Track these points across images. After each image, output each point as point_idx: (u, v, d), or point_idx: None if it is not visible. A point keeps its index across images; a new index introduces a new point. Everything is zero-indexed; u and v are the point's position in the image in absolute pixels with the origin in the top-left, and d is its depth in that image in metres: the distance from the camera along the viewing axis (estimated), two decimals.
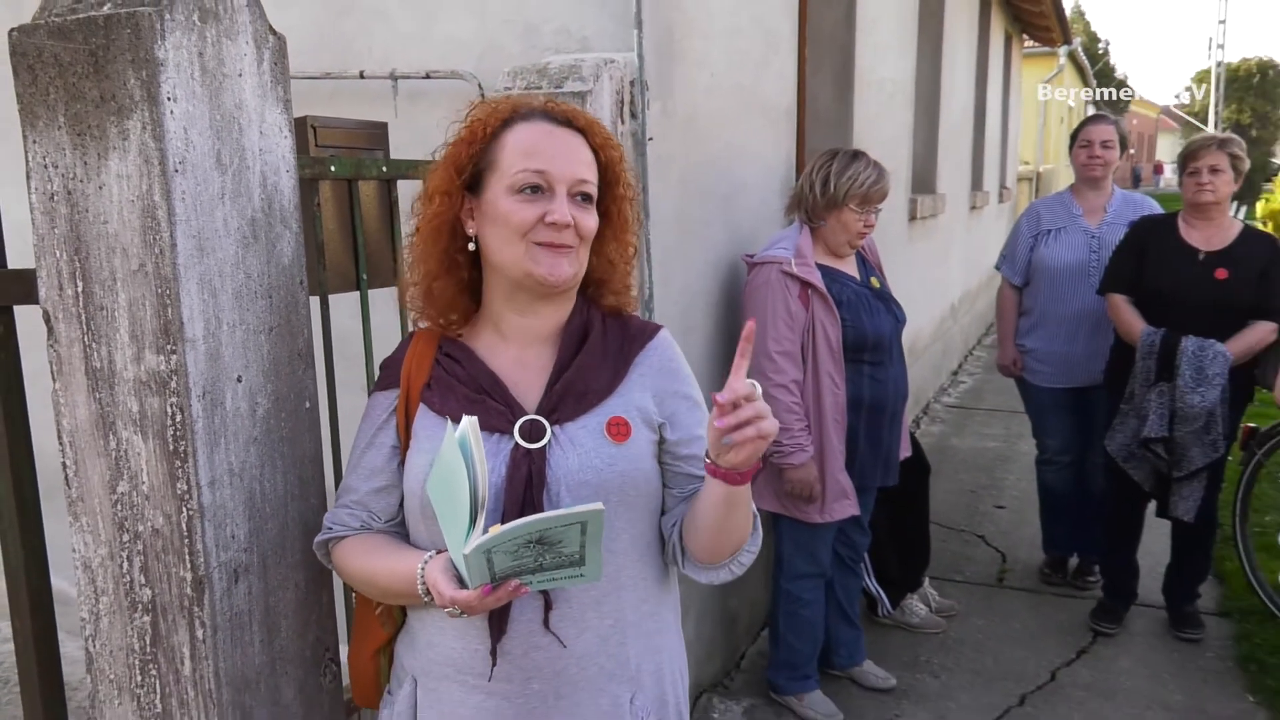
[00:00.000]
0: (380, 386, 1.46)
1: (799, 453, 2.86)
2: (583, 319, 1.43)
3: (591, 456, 1.34)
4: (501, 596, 1.21)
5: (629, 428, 1.37)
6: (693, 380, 1.50)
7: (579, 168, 1.36)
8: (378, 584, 1.38)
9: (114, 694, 1.48)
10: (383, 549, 1.38)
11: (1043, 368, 3.99)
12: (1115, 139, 3.87)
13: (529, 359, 1.41)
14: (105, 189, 1.34)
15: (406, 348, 1.46)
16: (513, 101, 1.40)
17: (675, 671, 1.49)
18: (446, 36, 2.72)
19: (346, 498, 1.44)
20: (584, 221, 1.35)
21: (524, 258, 1.34)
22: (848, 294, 2.97)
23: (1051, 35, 12.10)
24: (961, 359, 8.99)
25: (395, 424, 1.42)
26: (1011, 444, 6.26)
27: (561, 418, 1.36)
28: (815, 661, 3.21)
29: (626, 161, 1.47)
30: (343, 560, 1.42)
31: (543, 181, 1.33)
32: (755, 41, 3.33)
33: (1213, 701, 3.21)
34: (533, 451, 1.33)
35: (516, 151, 1.34)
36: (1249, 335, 3.25)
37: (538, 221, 1.32)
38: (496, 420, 1.35)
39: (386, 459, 1.42)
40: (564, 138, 1.36)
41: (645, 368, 1.43)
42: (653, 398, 1.42)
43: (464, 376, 1.39)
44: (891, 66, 5.46)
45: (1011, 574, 4.29)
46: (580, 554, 1.20)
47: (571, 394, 1.37)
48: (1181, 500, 3.35)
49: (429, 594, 1.28)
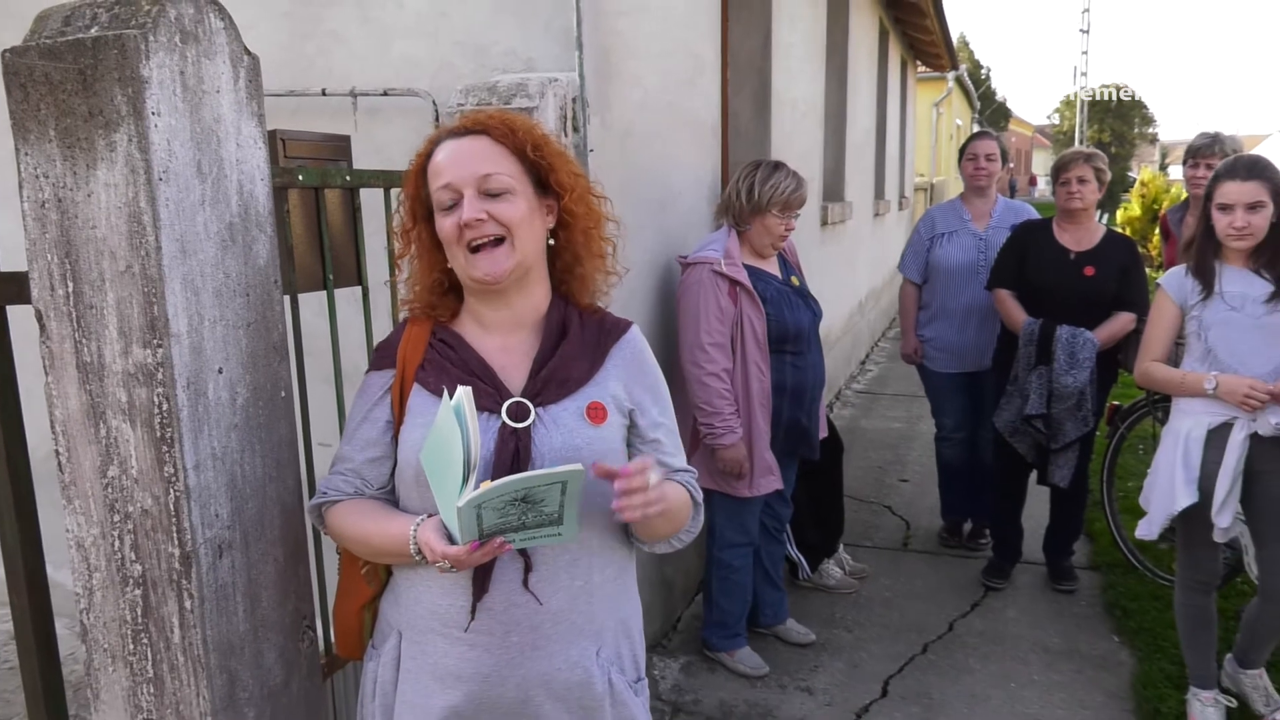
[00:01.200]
0: (376, 366, 1.48)
1: (729, 434, 2.91)
2: (561, 314, 1.46)
3: (572, 436, 1.37)
4: (489, 552, 1.24)
5: (605, 412, 1.41)
6: (658, 372, 1.54)
7: (479, 165, 1.35)
8: (371, 543, 1.39)
9: (108, 662, 1.46)
10: (376, 512, 1.40)
11: (940, 355, 4.11)
12: (998, 152, 4.00)
13: (512, 345, 1.44)
14: (94, 196, 1.32)
15: (402, 332, 1.48)
16: (433, 136, 1.43)
17: (634, 628, 1.53)
18: (402, 57, 2.71)
19: (341, 465, 1.45)
20: (501, 210, 1.35)
21: (466, 265, 1.37)
22: (771, 291, 3.02)
23: (941, 61, 12.39)
24: (869, 350, 9.17)
25: (390, 401, 1.43)
26: (913, 424, 6.41)
27: (545, 401, 1.38)
28: (744, 621, 3.27)
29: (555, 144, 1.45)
30: (337, 522, 1.43)
31: (452, 194, 1.35)
32: (683, 64, 3.37)
33: (1085, 643, 3.34)
34: (519, 430, 1.35)
35: (432, 178, 1.38)
36: (1113, 324, 3.40)
37: (461, 227, 1.34)
38: (486, 401, 1.37)
39: (381, 432, 1.43)
40: (464, 147, 1.37)
41: (618, 359, 1.47)
42: (624, 387, 1.45)
43: (456, 360, 1.41)
44: (803, 88, 5.55)
45: (915, 539, 4.41)
46: (559, 513, 1.24)
47: (554, 380, 1.40)
48: (1058, 469, 3.49)
49: (420, 553, 1.30)
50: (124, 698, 1.47)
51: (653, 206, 3.13)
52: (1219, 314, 2.53)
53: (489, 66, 2.60)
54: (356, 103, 2.71)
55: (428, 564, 1.31)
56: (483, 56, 2.61)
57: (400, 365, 1.44)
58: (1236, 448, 2.49)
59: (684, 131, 3.39)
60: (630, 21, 2.84)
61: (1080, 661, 3.22)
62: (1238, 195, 2.47)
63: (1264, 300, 2.49)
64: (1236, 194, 2.47)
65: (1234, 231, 2.48)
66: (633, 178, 2.94)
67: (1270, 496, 2.53)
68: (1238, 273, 2.54)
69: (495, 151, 1.36)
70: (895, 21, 9.69)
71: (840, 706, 2.99)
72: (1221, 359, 2.53)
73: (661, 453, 1.47)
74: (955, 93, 20.96)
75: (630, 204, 2.93)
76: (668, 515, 1.38)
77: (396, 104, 2.69)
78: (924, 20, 9.54)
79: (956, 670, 3.19)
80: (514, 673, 1.38)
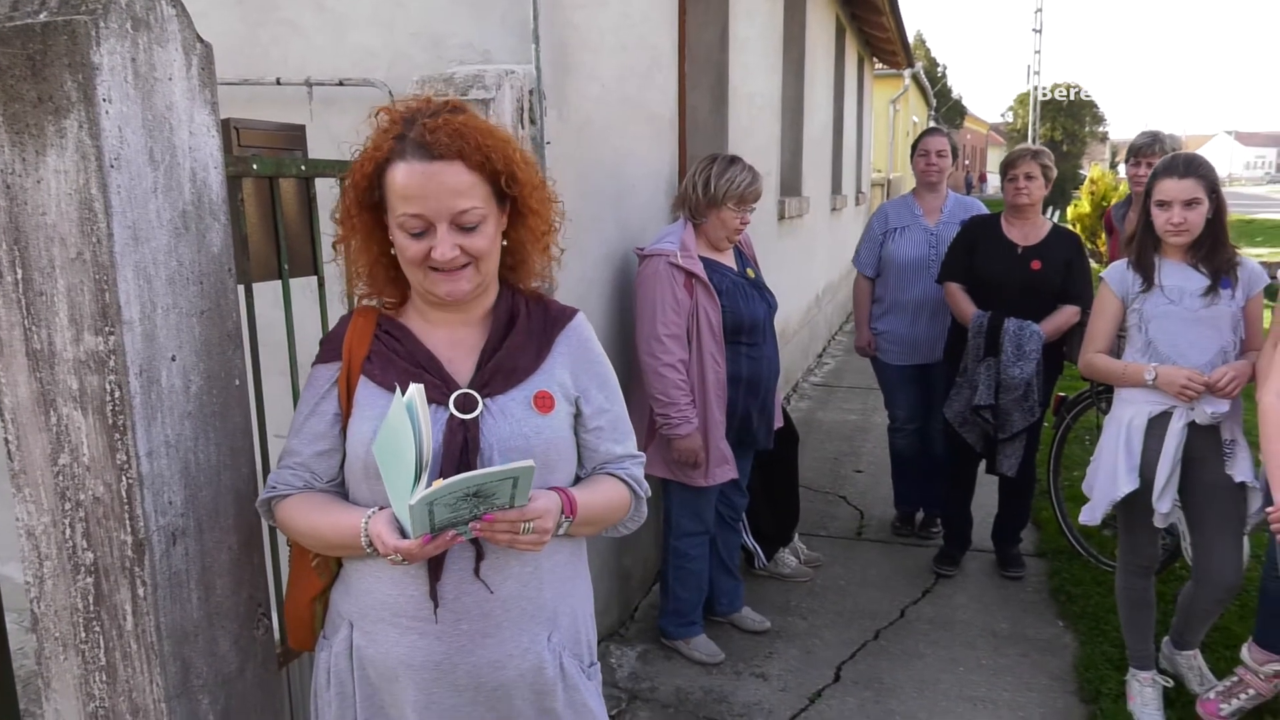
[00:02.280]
0: (322, 359, 1.47)
1: (685, 424, 2.95)
2: (509, 304, 1.47)
3: (520, 425, 1.39)
4: (440, 545, 1.26)
5: (552, 401, 1.43)
6: (603, 359, 1.56)
7: (455, 200, 1.33)
8: (322, 537, 1.40)
9: (59, 650, 1.46)
10: (326, 505, 1.41)
11: (892, 348, 4.18)
12: (948, 149, 4.08)
13: (460, 338, 1.45)
14: (43, 183, 1.32)
15: (347, 324, 1.48)
16: (393, 133, 1.35)
17: (585, 613, 1.55)
18: (358, 46, 2.70)
19: (290, 459, 1.45)
20: (471, 244, 1.35)
21: (424, 281, 1.38)
22: (727, 283, 3.06)
23: (897, 59, 12.55)
24: (826, 343, 9.28)
25: (337, 394, 1.43)
26: (868, 416, 6.51)
27: (492, 391, 1.40)
28: (700, 609, 3.31)
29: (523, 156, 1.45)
30: (287, 516, 1.43)
31: (423, 225, 1.33)
32: (641, 58, 3.40)
33: (1031, 627, 3.44)
34: (467, 421, 1.37)
35: (398, 195, 1.33)
36: (1058, 317, 3.50)
37: (426, 256, 1.34)
38: (433, 393, 1.38)
39: (329, 425, 1.43)
40: (437, 174, 1.32)
41: (565, 347, 1.49)
42: (570, 375, 1.48)
43: (402, 352, 1.42)
44: (761, 82, 5.60)
45: (868, 528, 4.49)
46: (510, 505, 1.26)
47: (501, 371, 1.41)
48: (1006, 458, 3.58)
49: (371, 545, 1.31)
50: (76, 686, 1.46)
51: (610, 199, 3.15)
52: (1158, 307, 2.62)
53: (445, 58, 2.60)
54: (312, 92, 2.70)
55: (379, 556, 1.32)
56: (439, 48, 2.61)
57: (346, 357, 1.44)
58: (1175, 436, 2.58)
59: (641, 125, 3.42)
60: (587, 15, 2.86)
61: (1026, 645, 3.32)
62: (1175, 192, 2.56)
63: (1201, 294, 2.59)
64: (1174, 191, 2.56)
65: (1171, 227, 2.57)
66: (590, 170, 2.96)
67: (1206, 483, 2.62)
68: (1176, 267, 2.64)
69: (469, 181, 1.33)
70: (852, 18, 9.80)
71: (794, 692, 3.04)
72: (1161, 350, 2.62)
73: (605, 439, 1.50)
74: (912, 90, 21.23)
75: (587, 196, 2.95)
76: (591, 524, 1.44)
77: (352, 94, 2.68)
78: (879, 17, 9.66)
79: (907, 655, 3.27)
80: (466, 660, 1.40)
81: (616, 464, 1.51)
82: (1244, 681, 2.73)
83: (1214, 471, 2.60)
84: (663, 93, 3.66)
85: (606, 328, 3.16)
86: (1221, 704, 2.73)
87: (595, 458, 1.50)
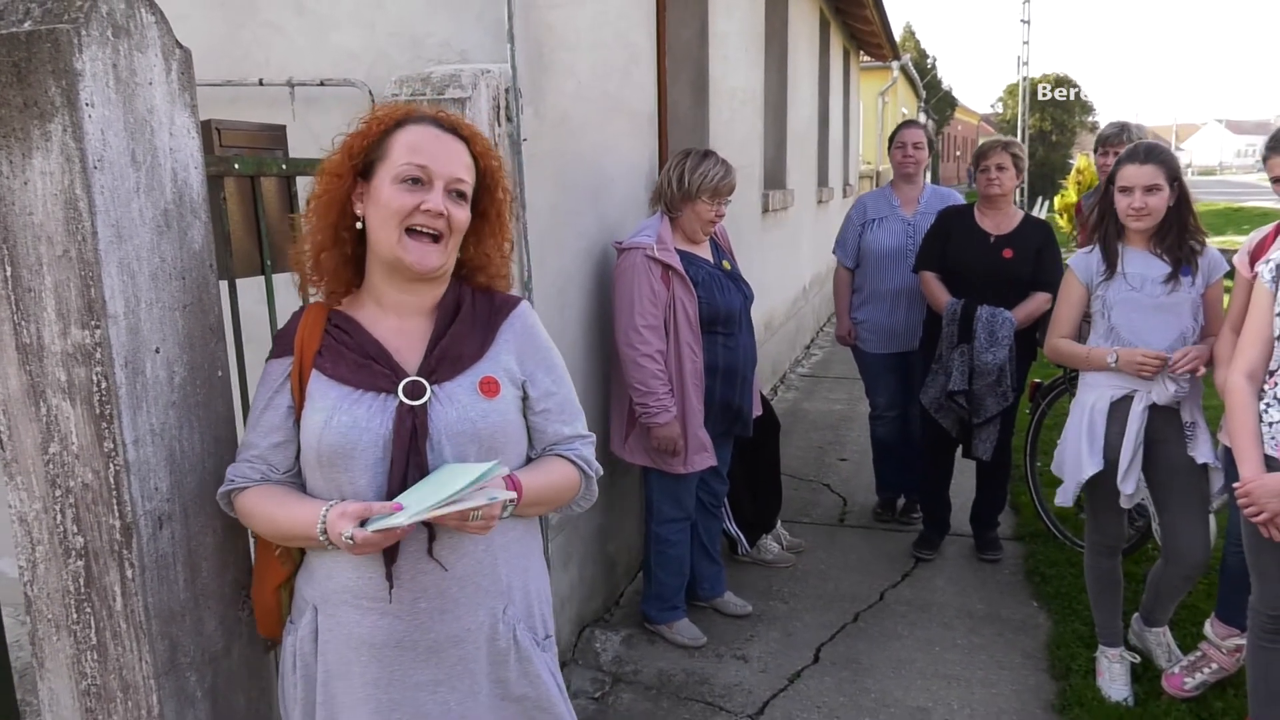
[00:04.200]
0: (275, 355, 1.54)
1: (663, 413, 3.02)
2: (455, 295, 1.54)
3: (467, 409, 1.45)
4: (391, 537, 1.34)
5: (498, 385, 1.50)
6: (549, 344, 1.62)
7: (457, 168, 1.46)
8: (279, 528, 1.45)
9: (52, 631, 1.52)
10: (283, 498, 1.47)
11: (872, 336, 4.26)
12: (924, 141, 4.15)
13: (409, 328, 1.51)
14: (30, 184, 1.38)
15: (298, 320, 1.54)
16: (408, 107, 1.51)
17: (540, 589, 1.62)
18: (338, 47, 2.76)
19: (247, 453, 1.51)
20: (456, 214, 1.46)
21: (396, 244, 1.44)
22: (703, 275, 3.13)
23: (883, 52, 12.61)
24: (813, 335, 9.36)
25: (290, 387, 1.49)
26: (854, 406, 6.58)
27: (440, 378, 1.47)
28: (682, 594, 3.39)
29: (505, 169, 1.58)
30: (246, 508, 1.49)
31: (423, 175, 1.43)
32: (618, 54, 3.46)
33: (1006, 608, 3.53)
34: (415, 408, 1.43)
35: (404, 147, 1.44)
36: (1029, 304, 3.57)
37: (415, 209, 1.43)
38: (382, 382, 1.45)
39: (283, 418, 1.50)
40: (447, 142, 1.46)
41: (509, 334, 1.55)
42: (515, 360, 1.54)
43: (352, 345, 1.48)
44: (742, 77, 5.66)
45: (851, 515, 4.57)
46: (468, 489, 1.33)
47: (447, 358, 1.48)
48: (981, 442, 3.66)
49: (326, 535, 1.37)
50: (69, 665, 1.53)
51: (588, 193, 3.21)
52: (1121, 293, 2.69)
53: (424, 58, 2.66)
54: (294, 93, 2.76)
55: (334, 548, 1.38)
56: (418, 48, 2.67)
57: (298, 352, 1.50)
58: (1137, 418, 2.66)
59: (620, 120, 3.49)
60: (563, 14, 2.92)
61: (1001, 625, 3.40)
62: (1136, 178, 2.63)
63: (1162, 281, 2.66)
64: (1135, 177, 2.64)
65: (1133, 212, 2.65)
66: (568, 165, 3.03)
67: (1169, 464, 2.71)
68: (1139, 254, 2.71)
69: (469, 162, 1.49)
70: (836, 12, 9.87)
71: (773, 673, 3.12)
72: (1123, 336, 2.70)
73: (553, 421, 1.57)
74: (901, 82, 21.30)
75: (565, 191, 3.02)
76: (539, 505, 1.52)
77: (333, 94, 2.75)
78: (863, 10, 9.72)
79: (885, 636, 3.35)
80: (425, 635, 1.47)
81: (565, 445, 1.58)
82: (1207, 656, 2.82)
83: (1176, 453, 2.68)
84: (641, 89, 3.72)
85: (586, 320, 3.23)
86: (1186, 678, 2.82)
87: (544, 439, 1.57)
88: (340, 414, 1.43)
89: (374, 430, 1.41)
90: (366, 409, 1.43)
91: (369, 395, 1.45)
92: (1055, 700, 2.91)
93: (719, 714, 2.89)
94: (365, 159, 1.46)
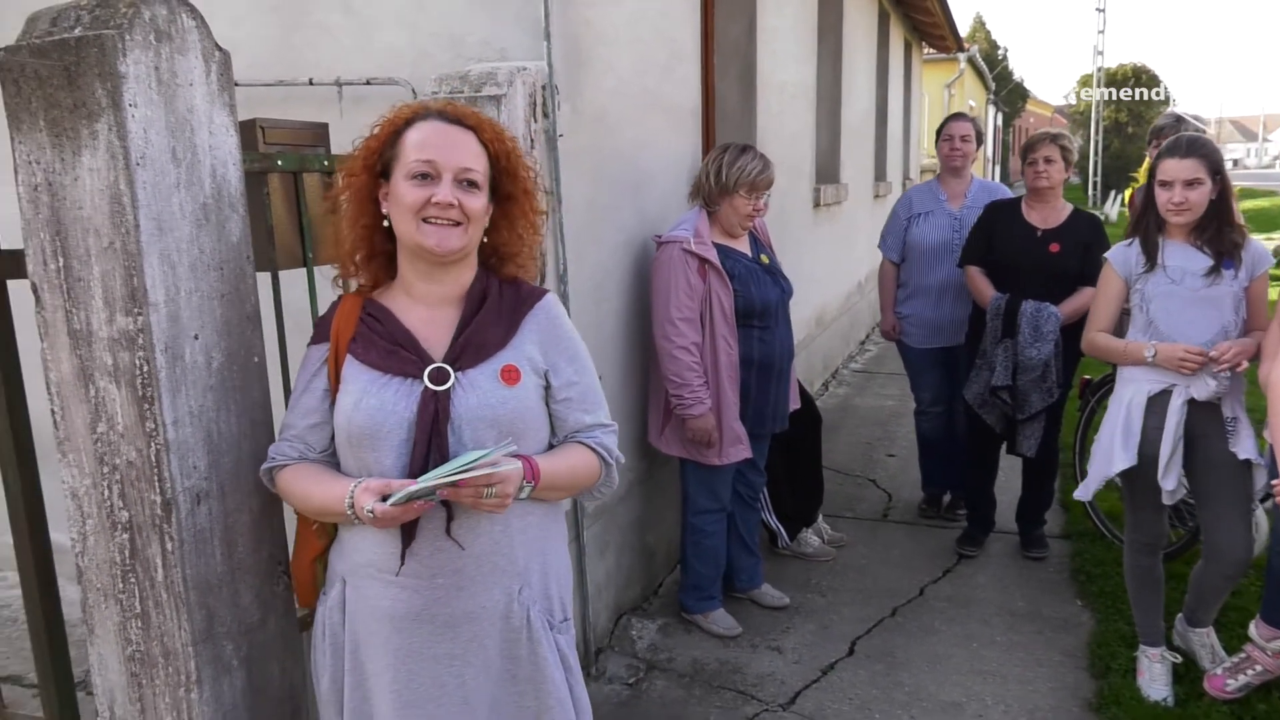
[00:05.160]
0: (314, 341, 1.62)
1: (698, 405, 3.06)
2: (482, 285, 1.61)
3: (488, 396, 1.52)
4: (411, 511, 1.42)
5: (519, 374, 1.56)
6: (573, 334, 1.68)
7: (465, 158, 1.52)
8: (313, 503, 1.54)
9: (101, 600, 1.63)
10: (319, 475, 1.55)
11: (917, 331, 4.23)
12: (973, 134, 4.10)
13: (437, 318, 1.58)
14: (79, 180, 1.48)
15: (335, 309, 1.62)
16: (417, 106, 1.58)
17: (559, 572, 1.67)
18: (384, 47, 2.85)
19: (287, 433, 1.61)
20: (468, 202, 1.52)
21: (416, 232, 1.51)
22: (739, 268, 3.16)
23: (947, 43, 12.40)
24: (869, 330, 9.26)
25: (327, 372, 1.58)
26: (905, 402, 6.45)
27: (463, 365, 1.53)
28: (719, 585, 3.42)
29: (522, 151, 1.64)
30: (284, 484, 1.59)
31: (431, 170, 1.50)
32: (659, 50, 3.50)
33: (1049, 606, 3.48)
34: (439, 393, 1.50)
35: (413, 146, 1.52)
36: (1077, 299, 3.51)
37: (426, 202, 1.49)
38: (409, 368, 1.52)
39: (320, 400, 1.58)
40: (453, 135, 1.53)
41: (534, 325, 1.61)
42: (539, 349, 1.60)
43: (382, 332, 1.56)
44: (793, 71, 5.65)
45: (895, 510, 4.54)
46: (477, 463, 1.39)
47: (471, 346, 1.55)
48: (1025, 439, 3.61)
49: (353, 509, 1.45)
50: (115, 632, 1.64)
51: (627, 188, 3.26)
52: (1160, 287, 2.64)
53: (464, 56, 2.73)
54: (341, 92, 2.86)
55: (359, 522, 1.46)
56: (459, 46, 2.75)
57: (334, 338, 1.59)
58: (1175, 413, 2.61)
59: (659, 116, 3.52)
60: (600, 11, 2.97)
61: (1042, 624, 3.36)
62: (1176, 172, 2.58)
63: (1203, 274, 2.60)
64: (1175, 171, 2.58)
65: (1173, 207, 2.59)
66: (606, 161, 3.08)
67: (1208, 459, 2.65)
68: (1179, 247, 2.66)
69: (478, 150, 1.54)
70: (896, 4, 9.73)
71: (807, 664, 3.14)
72: (1162, 330, 2.64)
73: (575, 409, 1.62)
74: (968, 74, 20.89)
75: (603, 186, 3.07)
76: (557, 489, 1.56)
77: (379, 92, 2.84)
78: (924, 2, 9.58)
79: (922, 632, 3.34)
80: (441, 610, 1.54)
81: (586, 433, 1.63)
82: (1251, 658, 2.75)
83: (1217, 449, 2.62)
84: (684, 84, 3.75)
85: (624, 313, 3.28)
86: (1228, 680, 2.75)
87: (565, 427, 1.62)
88: (369, 397, 1.51)
89: (399, 413, 1.49)
90: (394, 393, 1.50)
91: (396, 380, 1.52)
92: (1093, 699, 2.87)
93: (750, 703, 2.92)
94: (382, 160, 1.54)
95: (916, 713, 2.85)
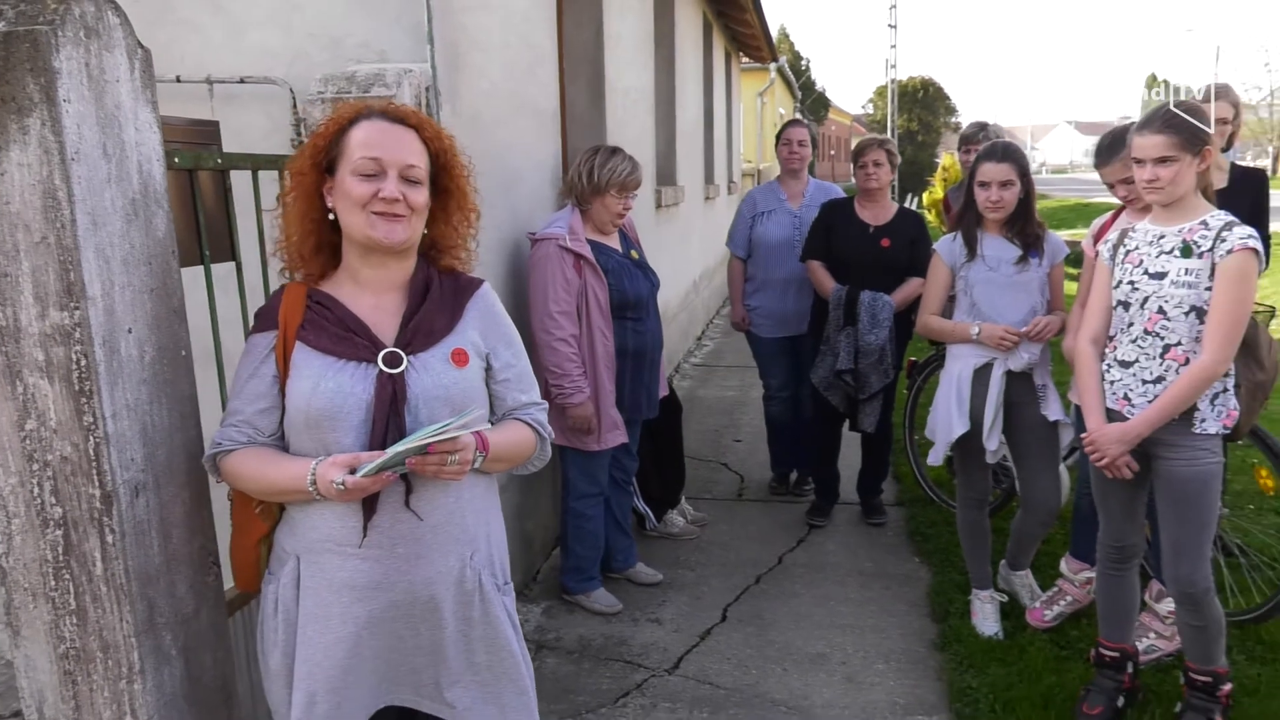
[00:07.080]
0: (258, 329, 1.67)
1: (578, 394, 3.22)
2: (424, 275, 1.71)
3: (440, 377, 1.63)
4: (378, 483, 1.50)
5: (467, 356, 1.68)
6: (509, 322, 1.81)
7: (407, 155, 1.62)
8: (271, 483, 1.59)
9: (29, 600, 1.61)
10: (274, 456, 1.61)
11: (765, 322, 4.55)
12: (808, 138, 4.48)
13: (384, 304, 1.67)
14: (7, 175, 1.47)
15: (280, 298, 1.67)
16: (359, 105, 1.66)
17: (499, 538, 1.80)
18: (256, 46, 2.83)
19: (233, 418, 1.64)
20: (412, 196, 1.62)
21: (365, 225, 1.60)
22: (612, 263, 3.34)
23: (762, 54, 13.11)
24: (705, 326, 9.70)
25: (275, 358, 1.63)
26: (745, 392, 6.92)
27: (415, 349, 1.63)
28: (598, 565, 3.59)
29: (459, 149, 1.75)
30: (235, 468, 1.62)
31: (377, 167, 1.60)
32: (523, 55, 3.63)
33: (891, 565, 3.88)
34: (394, 375, 1.60)
35: (358, 144, 1.61)
36: (905, 288, 3.92)
37: (373, 196, 1.59)
38: (363, 352, 1.61)
39: (269, 386, 1.63)
40: (397, 133, 1.63)
41: (475, 311, 1.74)
42: (480, 335, 1.73)
43: (333, 319, 1.63)
44: (634, 77, 5.89)
45: (748, 490, 4.87)
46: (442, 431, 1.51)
47: (421, 331, 1.65)
48: (866, 416, 3.99)
49: (315, 486, 1.52)
50: (46, 631, 1.62)
51: (500, 187, 3.37)
52: (980, 274, 3.05)
53: (343, 57, 2.77)
54: (213, 90, 2.82)
55: (322, 498, 1.54)
56: (337, 48, 2.78)
57: (282, 326, 1.64)
58: (996, 383, 3.02)
59: (526, 119, 3.65)
60: (474, 17, 3.08)
61: (888, 580, 3.74)
62: (993, 174, 2.99)
63: (1014, 262, 3.03)
64: (992, 173, 2.99)
65: (990, 204, 3.00)
66: (481, 161, 3.12)
67: (1023, 422, 3.08)
68: (994, 239, 3.07)
69: (419, 147, 1.64)
70: (718, 15, 10.23)
71: (686, 632, 3.36)
72: (983, 311, 3.05)
73: (513, 389, 1.76)
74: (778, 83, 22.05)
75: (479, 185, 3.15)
76: (502, 460, 1.69)
77: (253, 91, 2.82)
78: (744, 14, 10.12)
79: (785, 595, 3.64)
80: (402, 579, 1.63)
81: (523, 410, 1.77)
82: (1063, 590, 3.21)
83: (1031, 413, 3.06)
84: (545, 88, 3.90)
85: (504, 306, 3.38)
86: (1045, 611, 3.20)
87: (504, 405, 1.76)
88: (326, 380, 1.58)
89: (357, 395, 1.57)
90: (349, 376, 1.58)
91: (351, 364, 1.60)
92: (936, 639, 3.25)
93: (638, 670, 3.11)
94: (327, 157, 1.61)
95: (789, 665, 3.13)
